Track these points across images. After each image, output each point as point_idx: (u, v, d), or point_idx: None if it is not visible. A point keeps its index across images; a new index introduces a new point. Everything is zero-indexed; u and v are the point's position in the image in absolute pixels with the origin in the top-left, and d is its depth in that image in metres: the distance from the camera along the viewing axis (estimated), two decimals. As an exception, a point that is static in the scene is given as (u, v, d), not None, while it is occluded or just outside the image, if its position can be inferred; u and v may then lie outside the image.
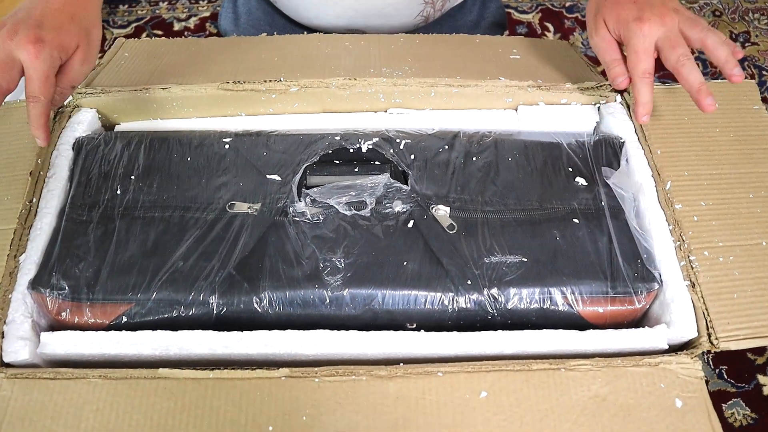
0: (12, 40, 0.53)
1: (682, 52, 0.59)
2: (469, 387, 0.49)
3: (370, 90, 0.68)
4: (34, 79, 0.54)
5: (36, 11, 0.55)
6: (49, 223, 0.58)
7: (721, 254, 0.56)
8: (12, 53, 0.54)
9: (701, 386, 0.50)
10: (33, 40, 0.54)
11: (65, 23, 0.56)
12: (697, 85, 0.58)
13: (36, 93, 0.54)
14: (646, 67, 0.60)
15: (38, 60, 0.54)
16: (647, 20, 0.59)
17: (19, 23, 0.54)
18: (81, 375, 0.50)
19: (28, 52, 0.54)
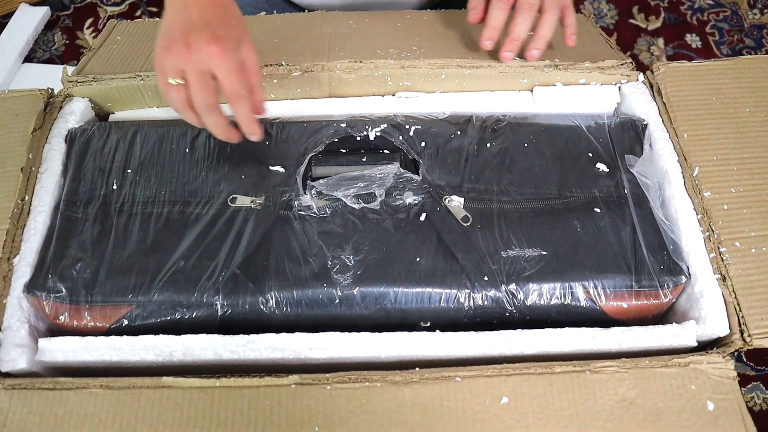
0: (191, 51, 0.50)
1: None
2: (490, 392, 0.47)
3: (377, 73, 0.64)
4: (229, 76, 0.51)
5: (193, 16, 0.51)
6: (43, 221, 0.56)
7: (753, 245, 0.53)
8: (199, 65, 0.50)
9: (734, 387, 0.48)
10: (211, 40, 0.50)
11: (226, 16, 0.53)
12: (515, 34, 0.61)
13: (237, 90, 0.51)
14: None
15: (225, 56, 0.50)
16: None
17: (185, 33, 0.50)
18: (82, 385, 0.48)
19: (213, 54, 0.50)
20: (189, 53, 0.50)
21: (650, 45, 1.42)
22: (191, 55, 0.50)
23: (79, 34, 1.44)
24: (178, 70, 0.51)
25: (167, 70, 0.51)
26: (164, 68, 0.51)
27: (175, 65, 0.51)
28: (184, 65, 0.50)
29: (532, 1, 0.59)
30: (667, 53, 1.41)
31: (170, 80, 0.51)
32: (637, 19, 1.47)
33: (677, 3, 1.49)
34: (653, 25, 1.46)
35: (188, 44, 0.50)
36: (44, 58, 1.39)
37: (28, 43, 1.37)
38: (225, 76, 0.51)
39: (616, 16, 1.47)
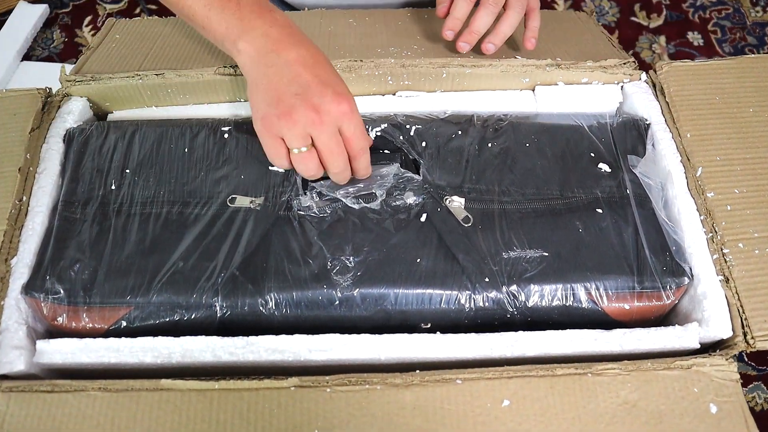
0: (321, 114, 0.49)
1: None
2: (491, 395, 0.47)
3: (378, 72, 0.64)
4: (358, 134, 0.51)
5: (307, 77, 0.50)
6: (41, 222, 0.55)
7: (757, 246, 0.53)
8: (331, 128, 0.50)
9: (737, 389, 0.47)
10: (338, 99, 0.49)
11: (331, 68, 0.52)
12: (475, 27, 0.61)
13: (364, 144, 0.52)
14: None
15: (354, 113, 0.50)
16: None
17: (306, 96, 0.49)
18: (80, 387, 0.47)
19: (344, 113, 0.49)
20: (319, 117, 0.48)
21: (652, 43, 1.42)
22: (322, 118, 0.49)
23: (78, 31, 1.43)
24: (306, 137, 0.49)
25: (291, 139, 0.49)
26: (285, 137, 0.50)
27: (303, 132, 0.49)
28: (314, 130, 0.49)
29: None
30: (668, 51, 1.40)
31: (296, 150, 0.50)
32: (639, 16, 1.46)
33: (679, 0, 1.49)
34: (655, 23, 1.45)
35: (315, 108, 0.48)
36: (43, 56, 1.38)
37: (26, 41, 1.36)
38: (353, 134, 0.50)
39: (617, 13, 1.47)
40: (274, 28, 0.52)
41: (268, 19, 0.52)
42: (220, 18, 0.53)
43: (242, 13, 0.53)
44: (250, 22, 0.52)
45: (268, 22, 0.52)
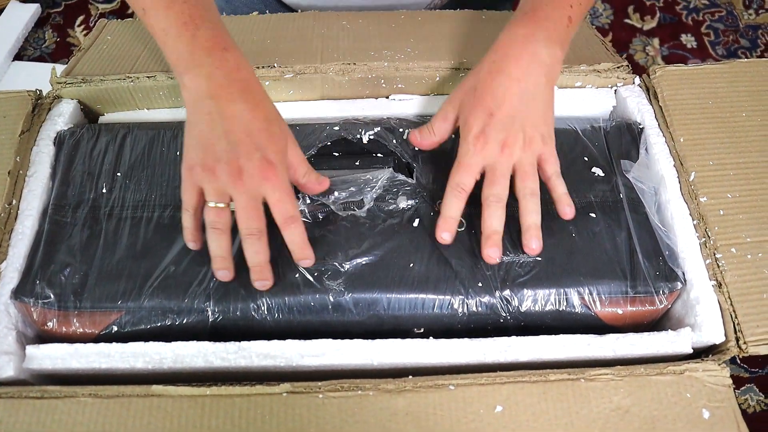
0: (242, 179, 0.48)
1: (496, 192, 0.52)
2: (483, 401, 0.47)
3: (371, 75, 0.63)
4: (284, 201, 0.49)
5: (239, 135, 0.48)
6: (30, 226, 0.55)
7: (749, 251, 0.53)
8: (252, 192, 0.48)
9: (729, 395, 0.47)
10: (265, 167, 0.48)
11: (269, 130, 0.50)
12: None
13: (291, 213, 0.49)
14: (461, 180, 0.52)
15: (280, 182, 0.49)
16: (484, 137, 0.52)
17: (233, 157, 0.48)
18: (70, 393, 0.47)
19: (267, 180, 0.48)
20: (240, 181, 0.48)
21: (645, 45, 1.42)
22: (243, 182, 0.48)
23: (70, 31, 1.42)
24: (224, 194, 0.49)
25: (209, 192, 0.49)
26: (204, 188, 0.49)
27: (221, 189, 0.48)
28: (233, 191, 0.48)
29: (497, 193, 0.52)
30: (662, 53, 1.41)
31: (211, 204, 0.49)
32: (633, 19, 1.46)
33: (672, 3, 1.49)
34: (648, 25, 1.45)
35: (239, 171, 0.48)
36: (35, 56, 1.37)
37: (18, 41, 1.35)
38: (279, 201, 0.49)
39: (611, 15, 1.47)
40: (220, 71, 0.50)
41: (217, 59, 0.51)
42: (174, 46, 0.52)
43: (194, 47, 0.51)
44: (199, 58, 0.51)
45: (216, 63, 0.50)
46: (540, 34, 0.54)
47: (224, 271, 0.50)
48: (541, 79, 0.53)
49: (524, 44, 0.54)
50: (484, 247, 0.51)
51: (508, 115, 0.52)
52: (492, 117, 0.52)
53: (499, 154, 0.52)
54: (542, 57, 0.53)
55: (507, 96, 0.52)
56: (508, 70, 0.53)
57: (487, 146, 0.52)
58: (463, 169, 0.52)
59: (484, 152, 0.52)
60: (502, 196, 0.52)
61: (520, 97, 0.52)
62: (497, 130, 0.52)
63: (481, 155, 0.52)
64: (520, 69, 0.53)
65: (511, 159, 0.52)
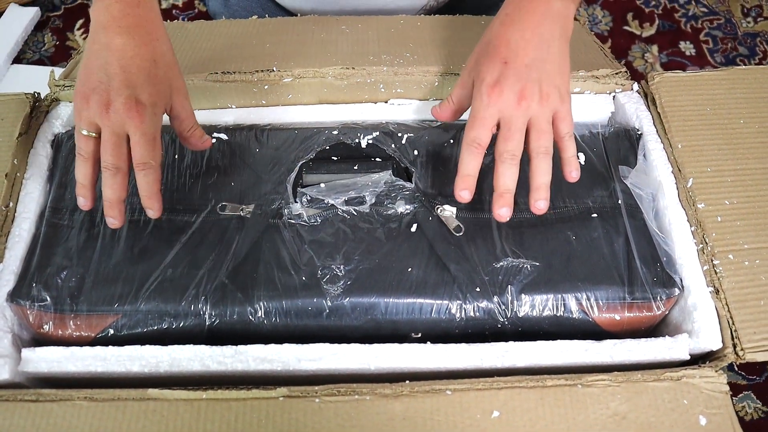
0: (108, 112, 0.48)
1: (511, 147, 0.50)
2: (480, 406, 0.46)
3: (370, 80, 0.63)
4: (142, 144, 0.48)
5: (115, 69, 0.48)
6: (27, 229, 0.55)
7: (746, 258, 0.53)
8: (115, 128, 0.48)
9: (726, 401, 0.47)
10: (131, 105, 0.48)
11: (151, 71, 0.50)
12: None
13: (146, 159, 0.49)
14: (477, 135, 0.50)
15: (143, 124, 0.48)
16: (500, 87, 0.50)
17: (105, 90, 0.48)
18: (65, 397, 0.47)
19: (131, 119, 0.48)
20: (106, 114, 0.48)
21: (644, 52, 1.42)
22: (109, 115, 0.48)
23: (70, 35, 1.42)
24: (93, 124, 0.49)
25: (80, 120, 0.49)
26: (81, 116, 0.49)
27: (91, 119, 0.48)
28: (100, 122, 0.48)
29: (512, 149, 0.50)
30: (661, 60, 1.41)
31: (82, 131, 0.49)
32: (632, 25, 1.47)
33: (671, 10, 1.49)
34: (647, 32, 1.46)
35: (107, 103, 0.48)
36: (34, 59, 1.37)
37: (17, 44, 1.35)
38: (138, 144, 0.48)
39: (610, 22, 1.47)
40: (118, 4, 0.50)
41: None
42: None
43: None
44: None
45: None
46: None
47: (81, 198, 0.51)
48: (556, 31, 0.52)
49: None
50: (495, 205, 0.50)
51: (524, 64, 0.50)
52: (507, 66, 0.50)
53: (515, 107, 0.50)
54: (557, 8, 0.52)
55: (522, 45, 0.51)
56: (522, 21, 0.52)
57: (503, 97, 0.50)
58: (479, 123, 0.50)
59: (499, 103, 0.50)
60: (516, 153, 0.50)
61: (536, 46, 0.51)
62: (513, 80, 0.50)
63: (496, 106, 0.50)
64: (534, 19, 0.52)
65: (527, 113, 0.50)
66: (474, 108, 0.51)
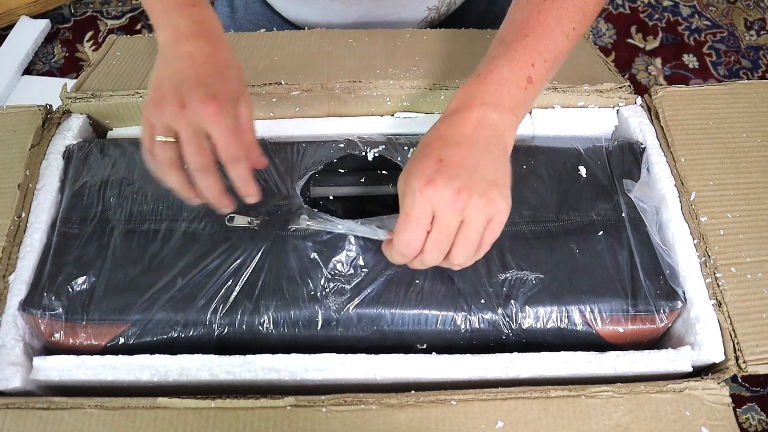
0: (184, 110, 0.46)
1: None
2: (485, 416, 0.47)
3: (376, 93, 0.64)
4: (225, 139, 0.47)
5: (187, 73, 0.48)
6: (39, 239, 0.56)
7: (749, 271, 0.53)
8: (193, 126, 0.47)
9: (729, 413, 0.48)
10: (207, 100, 0.46)
11: (223, 73, 0.50)
12: None
13: (234, 152, 0.48)
14: (410, 239, 0.46)
15: (221, 117, 0.47)
16: (434, 184, 0.45)
17: (178, 90, 0.47)
18: (76, 405, 0.48)
19: (208, 114, 0.46)
20: (182, 111, 0.47)
21: (648, 65, 1.43)
22: (185, 113, 0.47)
23: (79, 47, 1.44)
24: (169, 128, 0.48)
25: (156, 127, 0.48)
26: (153, 123, 0.48)
27: (166, 123, 0.47)
28: (177, 124, 0.47)
29: (431, 260, 0.47)
30: (664, 73, 1.42)
31: (158, 137, 0.48)
32: (635, 38, 1.48)
33: (675, 23, 1.50)
34: (651, 45, 1.47)
35: (181, 102, 0.47)
36: (44, 71, 1.39)
37: (27, 56, 1.37)
38: (221, 138, 0.47)
39: (614, 35, 1.48)
40: (186, 23, 0.51)
41: (184, 13, 0.52)
42: (150, 5, 0.54)
43: (167, 5, 0.52)
44: (168, 13, 0.52)
45: (183, 16, 0.51)
46: (490, 100, 0.49)
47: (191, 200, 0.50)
48: (492, 139, 0.48)
49: (473, 108, 0.49)
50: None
51: (461, 163, 0.46)
52: (442, 164, 0.46)
53: (450, 204, 0.45)
54: (492, 119, 0.49)
55: (458, 147, 0.47)
56: (458, 126, 0.49)
57: (438, 193, 0.45)
58: (414, 224, 0.46)
59: (433, 200, 0.45)
60: (436, 261, 0.48)
61: (471, 148, 0.47)
62: (449, 176, 0.45)
63: (430, 204, 0.45)
64: (469, 125, 0.48)
65: (462, 213, 0.46)
66: (405, 206, 0.46)
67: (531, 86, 0.51)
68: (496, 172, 0.47)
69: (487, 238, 0.48)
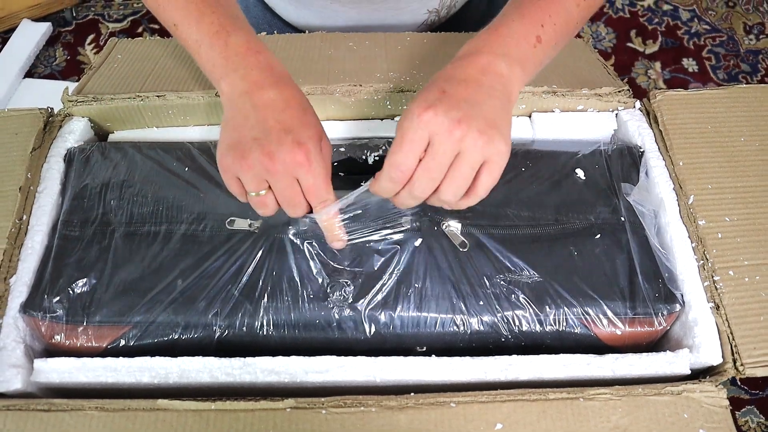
0: (274, 162, 0.47)
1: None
2: (484, 419, 0.47)
3: (376, 96, 0.65)
4: (316, 186, 0.48)
5: (271, 123, 0.48)
6: (40, 241, 0.56)
7: (746, 274, 0.53)
8: (285, 175, 0.47)
9: (726, 416, 0.48)
10: (295, 148, 0.47)
11: (303, 118, 0.50)
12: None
13: (324, 197, 0.49)
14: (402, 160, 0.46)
15: (311, 164, 0.47)
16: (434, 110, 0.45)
17: (263, 142, 0.47)
18: (77, 406, 0.48)
19: (299, 164, 0.47)
20: (272, 164, 0.47)
21: (647, 68, 1.44)
22: (275, 166, 0.47)
23: (81, 50, 1.45)
24: (261, 181, 0.48)
25: (246, 183, 0.49)
26: (241, 179, 0.49)
27: (257, 176, 0.48)
28: (267, 176, 0.48)
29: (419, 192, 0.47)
30: (664, 77, 1.42)
31: (252, 194, 0.49)
32: (635, 42, 1.48)
33: (674, 28, 1.51)
34: (651, 49, 1.47)
35: (270, 155, 0.47)
36: (45, 74, 1.39)
37: (29, 59, 1.37)
38: (312, 185, 0.48)
39: (614, 39, 1.49)
40: (255, 71, 0.51)
41: (252, 62, 0.51)
42: (209, 55, 0.53)
43: (228, 54, 0.52)
44: (234, 63, 0.51)
45: (251, 65, 0.51)
46: (498, 50, 0.49)
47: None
48: (496, 87, 0.48)
49: (481, 54, 0.49)
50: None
51: (464, 98, 0.46)
52: (445, 94, 0.46)
53: (447, 132, 0.44)
54: (499, 69, 0.48)
55: (463, 84, 0.47)
56: (465, 68, 0.48)
57: (436, 119, 0.45)
58: (406, 146, 0.45)
59: (430, 125, 0.45)
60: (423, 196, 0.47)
61: (477, 90, 0.47)
62: (449, 106, 0.45)
63: (426, 129, 0.45)
64: (477, 69, 0.48)
65: (459, 145, 0.45)
66: (403, 127, 0.46)
67: (539, 46, 0.51)
68: (497, 115, 0.46)
69: (483, 181, 0.47)
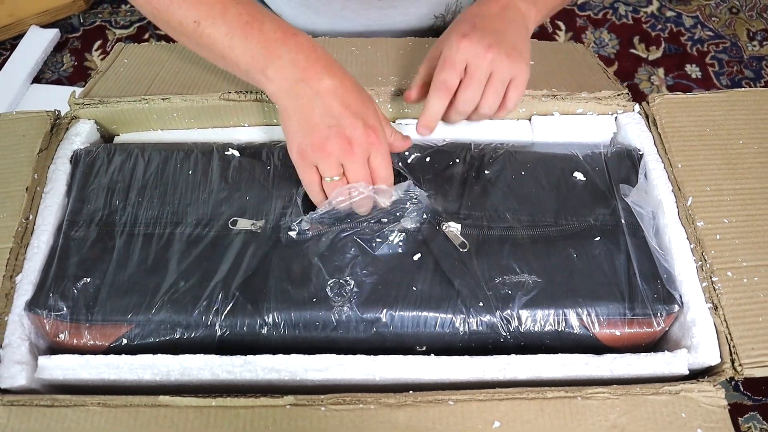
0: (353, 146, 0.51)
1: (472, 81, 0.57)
2: (482, 417, 0.47)
3: (378, 99, 0.65)
4: (384, 164, 0.53)
5: (339, 108, 0.51)
6: (46, 241, 0.57)
7: (745, 275, 0.54)
8: (361, 158, 0.52)
9: (724, 416, 0.48)
10: (369, 132, 0.51)
11: (362, 97, 0.53)
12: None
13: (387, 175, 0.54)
14: (446, 77, 0.56)
15: (382, 144, 0.53)
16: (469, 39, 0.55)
17: (341, 130, 0.51)
18: (79, 402, 0.48)
19: (373, 144, 0.52)
20: (351, 148, 0.50)
21: (650, 75, 1.44)
22: (354, 149, 0.51)
23: (88, 55, 1.46)
24: (339, 165, 0.51)
25: (325, 169, 0.51)
26: (319, 166, 0.51)
27: (336, 162, 0.51)
28: (346, 160, 0.51)
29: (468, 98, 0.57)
30: (667, 83, 1.43)
31: (328, 179, 0.52)
32: (638, 49, 1.49)
33: (678, 34, 1.51)
34: (654, 55, 1.48)
35: (348, 140, 0.50)
36: (52, 79, 1.41)
37: (37, 65, 1.39)
38: (380, 164, 0.53)
39: (617, 45, 1.49)
40: (301, 55, 0.52)
41: (294, 46, 0.52)
42: (244, 47, 0.52)
43: (267, 41, 0.52)
44: (276, 50, 0.52)
45: (294, 49, 0.52)
46: None
47: None
48: (517, 19, 0.59)
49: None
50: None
51: (492, 29, 0.57)
52: (476, 26, 0.56)
53: (482, 55, 0.55)
54: (517, 5, 0.60)
55: (489, 18, 0.58)
56: (489, 8, 0.59)
57: (472, 46, 0.55)
58: (449, 66, 0.56)
59: (468, 50, 0.55)
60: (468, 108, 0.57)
61: (501, 22, 0.58)
62: (481, 35, 0.55)
63: (465, 54, 0.55)
64: (497, 7, 0.59)
65: (492, 65, 0.55)
66: (444, 54, 0.56)
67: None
68: (519, 41, 0.57)
69: (511, 96, 0.58)
